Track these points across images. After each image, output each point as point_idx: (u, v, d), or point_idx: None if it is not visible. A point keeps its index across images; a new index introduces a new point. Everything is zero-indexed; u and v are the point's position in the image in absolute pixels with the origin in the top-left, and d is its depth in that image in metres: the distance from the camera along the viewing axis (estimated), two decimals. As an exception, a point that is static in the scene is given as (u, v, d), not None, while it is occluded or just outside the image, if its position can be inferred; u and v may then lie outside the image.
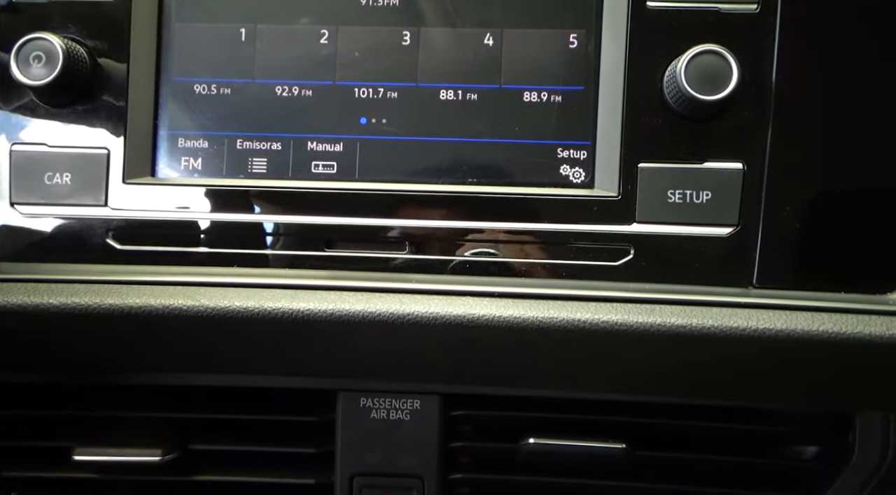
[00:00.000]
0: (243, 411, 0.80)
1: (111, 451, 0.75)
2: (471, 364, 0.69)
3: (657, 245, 0.67)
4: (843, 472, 0.76)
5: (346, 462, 0.79)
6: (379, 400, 0.79)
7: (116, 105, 0.70)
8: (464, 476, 0.80)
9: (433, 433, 0.78)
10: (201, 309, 0.64)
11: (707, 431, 0.77)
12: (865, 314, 0.61)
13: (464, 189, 0.69)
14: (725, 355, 0.64)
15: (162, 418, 0.79)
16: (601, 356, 0.66)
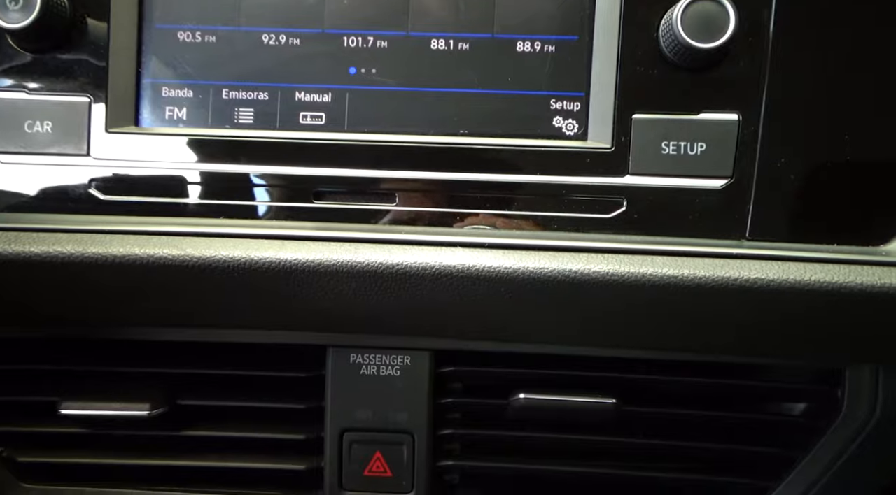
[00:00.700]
0: (232, 367, 0.79)
1: (98, 405, 0.75)
2: (461, 316, 0.68)
3: (650, 197, 0.66)
4: (831, 428, 0.76)
5: (335, 417, 0.79)
6: (369, 356, 0.79)
7: (98, 52, 0.68)
8: (454, 431, 0.80)
9: (423, 389, 0.78)
10: (187, 258, 0.63)
11: (696, 387, 0.77)
12: (858, 264, 0.61)
13: (455, 140, 0.68)
14: (718, 307, 0.63)
15: (150, 373, 0.78)
16: (593, 308, 0.65)
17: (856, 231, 0.64)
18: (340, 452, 0.79)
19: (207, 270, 0.64)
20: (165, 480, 0.80)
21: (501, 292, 0.64)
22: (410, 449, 0.79)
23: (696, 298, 0.63)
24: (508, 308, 0.66)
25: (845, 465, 0.76)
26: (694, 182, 0.66)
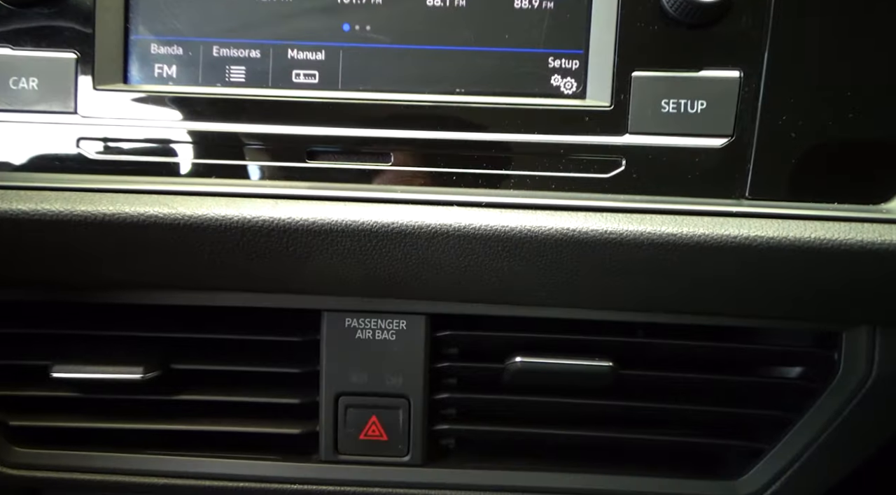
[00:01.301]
0: (227, 331, 0.79)
1: (91, 369, 0.74)
2: (458, 277, 0.67)
3: (649, 156, 0.65)
4: (827, 390, 0.76)
5: (331, 381, 0.78)
6: (364, 321, 0.78)
7: (85, 7, 0.66)
8: (450, 396, 0.80)
9: (419, 353, 0.78)
10: (178, 217, 0.62)
11: (693, 351, 0.77)
12: (859, 222, 0.60)
13: (451, 99, 0.66)
14: (717, 266, 0.63)
15: (143, 337, 0.77)
16: (591, 268, 0.65)
17: (856, 189, 0.63)
18: (336, 416, 0.79)
19: (199, 229, 0.63)
20: (159, 444, 0.80)
21: (498, 251, 0.63)
22: (406, 413, 0.79)
23: (695, 257, 0.62)
24: (505, 268, 0.65)
25: (840, 427, 0.76)
26: (694, 141, 0.64)
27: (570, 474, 0.80)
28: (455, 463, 0.82)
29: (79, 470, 0.79)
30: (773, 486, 0.79)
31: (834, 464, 0.78)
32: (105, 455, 0.79)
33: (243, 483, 0.80)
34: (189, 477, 0.80)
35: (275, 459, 0.80)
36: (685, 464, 0.82)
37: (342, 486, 0.80)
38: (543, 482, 0.80)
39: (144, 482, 0.79)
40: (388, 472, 0.80)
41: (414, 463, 0.80)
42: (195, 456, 0.80)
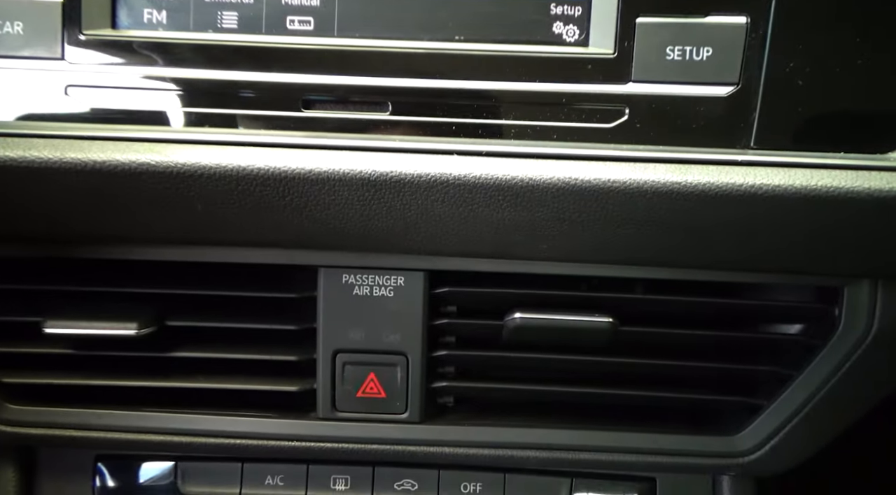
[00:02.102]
0: (222, 288, 0.77)
1: (84, 324, 0.73)
2: (457, 229, 0.66)
3: (653, 105, 0.63)
4: (827, 346, 0.76)
5: (328, 338, 0.78)
6: (362, 277, 0.77)
7: (69, -53, 0.63)
8: (448, 353, 0.79)
9: (417, 310, 0.77)
10: (170, 165, 0.60)
11: (693, 307, 0.77)
12: (866, 170, 0.59)
13: (450, 46, 0.64)
14: (721, 215, 0.62)
15: (138, 294, 0.76)
16: (593, 219, 0.64)
17: (863, 139, 0.62)
18: (333, 374, 0.78)
19: (192, 179, 0.61)
20: (155, 402, 0.79)
21: (499, 201, 0.62)
22: (404, 370, 0.78)
23: (698, 206, 0.61)
24: (506, 219, 0.64)
25: (840, 382, 0.76)
26: (699, 89, 0.63)
27: (568, 430, 0.80)
28: (453, 421, 0.81)
29: (74, 428, 0.78)
30: (771, 441, 0.79)
31: (833, 419, 0.78)
32: (100, 412, 0.78)
33: (240, 440, 0.79)
34: (185, 434, 0.79)
35: (272, 416, 0.80)
36: (683, 421, 0.82)
37: (340, 443, 0.80)
38: (542, 439, 0.80)
39: (140, 439, 0.79)
40: (386, 429, 0.80)
41: (412, 421, 0.79)
42: (191, 413, 0.79)
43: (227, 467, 0.85)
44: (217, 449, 0.80)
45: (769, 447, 0.79)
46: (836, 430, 0.79)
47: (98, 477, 0.85)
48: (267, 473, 0.85)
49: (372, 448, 0.80)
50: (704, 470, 0.81)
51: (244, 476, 0.85)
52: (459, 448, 0.80)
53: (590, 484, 0.86)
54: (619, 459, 0.80)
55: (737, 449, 0.79)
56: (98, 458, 0.85)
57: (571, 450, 0.80)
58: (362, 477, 0.86)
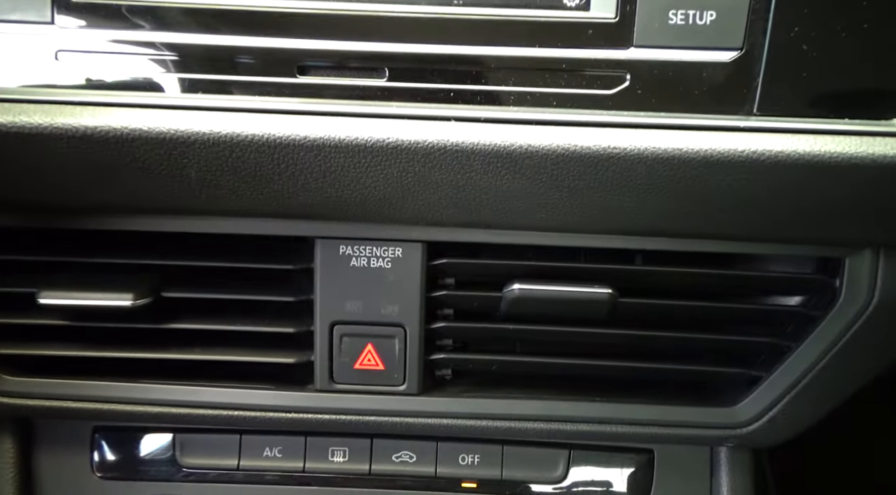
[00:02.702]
0: (218, 259, 0.77)
1: (78, 295, 0.72)
2: (455, 197, 0.65)
3: (655, 71, 0.62)
4: (827, 317, 0.75)
5: (325, 310, 0.77)
6: (359, 248, 0.76)
7: None
8: (447, 325, 0.79)
9: (415, 281, 0.76)
10: (163, 132, 0.59)
11: (692, 279, 0.76)
12: (870, 136, 0.58)
13: (449, 10, 0.63)
14: (723, 183, 0.61)
15: (134, 265, 0.75)
16: (592, 186, 0.63)
17: (868, 104, 0.61)
18: (331, 345, 0.78)
19: (186, 145, 0.60)
20: (151, 374, 0.79)
21: (497, 168, 0.61)
22: (402, 342, 0.78)
23: (700, 173, 0.60)
24: (504, 186, 0.63)
25: (839, 353, 0.76)
26: (702, 54, 0.62)
27: (566, 402, 0.80)
28: (451, 393, 0.81)
29: (70, 399, 0.78)
30: (770, 412, 0.79)
31: (831, 391, 0.78)
32: (97, 383, 0.78)
33: (238, 411, 0.79)
34: (183, 406, 0.79)
35: (270, 388, 0.80)
36: (682, 393, 0.82)
37: (338, 415, 0.80)
38: (540, 410, 0.80)
39: (138, 410, 0.78)
40: (384, 401, 0.79)
41: (410, 393, 0.79)
42: (189, 385, 0.79)
43: (226, 439, 0.86)
44: (215, 420, 0.79)
45: (767, 418, 0.79)
46: (835, 402, 0.79)
47: (96, 448, 0.85)
48: (265, 445, 0.86)
49: (370, 419, 0.80)
50: (702, 441, 0.81)
51: (242, 447, 0.85)
52: (457, 419, 0.80)
53: (587, 456, 0.87)
54: (618, 430, 0.80)
55: (735, 420, 0.79)
56: (96, 430, 0.85)
57: (569, 422, 0.80)
58: (360, 449, 0.86)
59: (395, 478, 0.86)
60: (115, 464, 0.86)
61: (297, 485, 0.86)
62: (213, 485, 0.85)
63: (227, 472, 0.85)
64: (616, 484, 0.87)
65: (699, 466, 0.87)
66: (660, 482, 0.86)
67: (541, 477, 0.86)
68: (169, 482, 0.85)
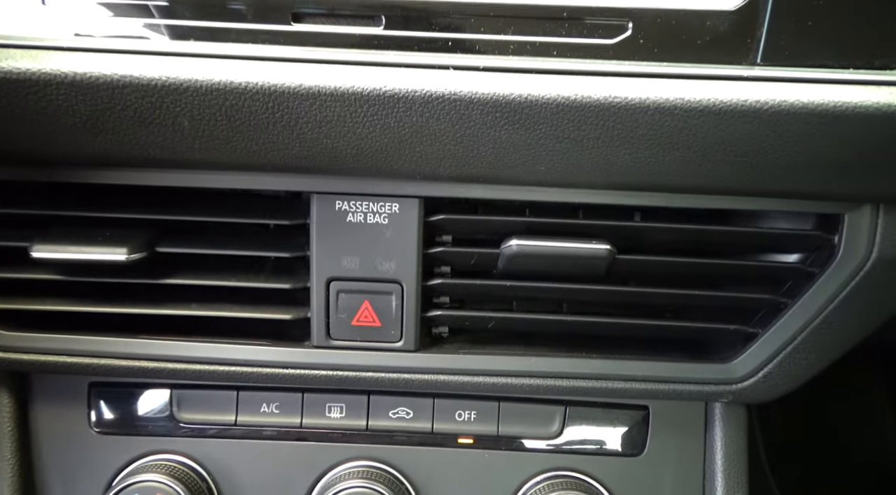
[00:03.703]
0: (213, 214, 0.76)
1: (72, 249, 0.71)
2: (453, 149, 0.64)
3: (657, 20, 0.61)
4: (825, 273, 0.75)
5: (321, 266, 0.77)
6: (355, 204, 0.75)
7: None
8: (443, 282, 0.78)
9: (412, 237, 0.76)
10: (155, 79, 0.58)
11: (690, 235, 0.76)
12: (874, 85, 0.58)
13: (447, -44, 0.62)
14: (725, 134, 0.60)
15: (128, 220, 0.75)
16: (592, 138, 0.62)
17: (873, 54, 0.60)
18: (327, 302, 0.78)
19: (178, 93, 0.59)
20: (147, 330, 0.79)
21: (496, 119, 0.60)
22: (399, 298, 0.78)
23: (702, 123, 0.59)
24: (503, 137, 0.62)
25: (836, 310, 0.76)
26: (705, 2, 0.61)
27: (563, 358, 0.80)
28: (448, 350, 0.81)
29: (66, 354, 0.78)
30: (765, 368, 0.79)
31: (827, 347, 0.78)
32: (93, 338, 0.78)
33: (234, 367, 0.79)
34: (179, 361, 0.79)
35: (267, 344, 0.79)
36: (678, 350, 0.82)
37: (334, 371, 0.80)
38: (536, 366, 0.80)
39: (133, 365, 0.78)
40: (381, 357, 0.79)
41: (407, 349, 0.79)
42: (185, 341, 0.79)
43: (223, 395, 0.86)
44: (212, 375, 0.79)
45: (763, 374, 0.79)
46: (830, 358, 0.79)
47: (93, 403, 0.85)
48: (262, 401, 0.86)
49: (367, 375, 0.80)
50: (698, 396, 0.82)
51: (240, 403, 0.86)
52: (453, 376, 0.80)
53: (583, 412, 0.87)
54: (613, 386, 0.80)
55: (730, 376, 0.80)
56: (93, 385, 0.85)
57: (565, 378, 0.80)
58: (357, 405, 0.86)
59: (392, 434, 0.86)
60: (113, 419, 0.86)
61: (295, 441, 0.86)
62: (211, 440, 0.85)
63: (224, 428, 0.86)
64: (611, 440, 0.88)
65: (694, 422, 0.87)
66: (654, 437, 0.87)
67: (537, 432, 0.87)
68: (167, 437, 0.85)
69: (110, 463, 0.85)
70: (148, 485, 0.80)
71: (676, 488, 0.87)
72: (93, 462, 0.85)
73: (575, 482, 0.85)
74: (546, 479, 0.85)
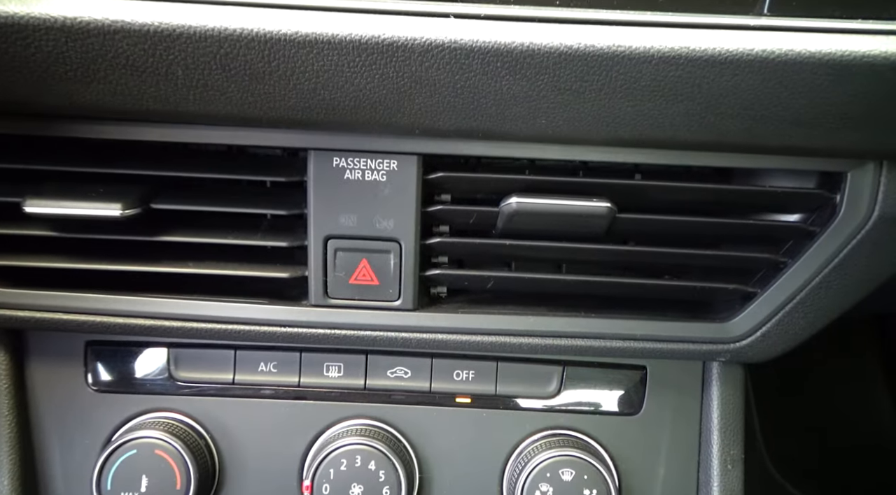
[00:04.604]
0: (209, 170, 0.75)
1: (65, 204, 0.70)
2: (452, 101, 0.63)
3: (663, -33, 0.60)
4: (825, 232, 0.75)
5: (318, 224, 0.76)
6: (353, 160, 0.74)
7: None
8: (442, 240, 0.78)
9: (411, 195, 0.75)
10: (148, 24, 0.57)
11: (692, 193, 0.75)
12: (882, 34, 0.57)
13: None
14: (730, 85, 0.59)
15: (122, 175, 0.73)
16: (595, 89, 0.61)
17: (881, 4, 0.59)
18: (325, 260, 0.77)
19: (171, 40, 0.57)
20: (144, 288, 0.78)
21: (497, 69, 0.59)
22: (397, 257, 0.77)
23: (707, 74, 0.58)
24: (504, 88, 0.61)
25: (835, 269, 0.76)
26: (712, -50, 0.59)
27: (562, 318, 0.80)
28: (446, 309, 0.81)
29: (63, 311, 0.77)
30: (763, 327, 0.79)
31: (826, 306, 0.78)
32: (89, 296, 0.77)
33: (232, 325, 0.79)
34: (176, 319, 0.78)
35: (265, 302, 0.79)
36: (676, 311, 0.82)
37: (332, 329, 0.79)
38: (535, 326, 0.80)
39: (130, 323, 0.78)
40: (379, 316, 0.79)
41: (405, 308, 0.79)
42: (182, 299, 0.78)
43: (220, 354, 0.85)
44: (209, 334, 0.79)
45: (761, 333, 0.79)
46: (829, 318, 0.79)
47: (90, 362, 0.85)
48: (260, 360, 0.86)
49: (364, 334, 0.80)
50: (695, 356, 0.82)
51: (237, 362, 0.85)
52: (452, 335, 0.80)
53: (581, 372, 0.87)
54: (611, 345, 0.80)
55: (729, 335, 0.80)
56: (89, 344, 0.85)
57: (564, 337, 0.80)
58: (355, 365, 0.86)
59: (390, 393, 0.87)
60: (110, 377, 0.86)
61: (293, 399, 0.86)
62: (209, 399, 0.86)
63: (222, 386, 0.86)
64: (609, 399, 0.88)
65: (691, 382, 0.88)
66: (652, 397, 0.87)
67: (534, 392, 0.87)
68: (164, 395, 0.85)
69: (108, 420, 0.85)
70: (147, 442, 0.80)
71: (673, 446, 0.88)
72: (90, 419, 0.85)
73: (572, 440, 0.85)
74: (543, 438, 0.86)
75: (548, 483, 0.82)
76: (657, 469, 0.88)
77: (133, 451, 0.80)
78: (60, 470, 0.85)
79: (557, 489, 0.81)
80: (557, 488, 0.81)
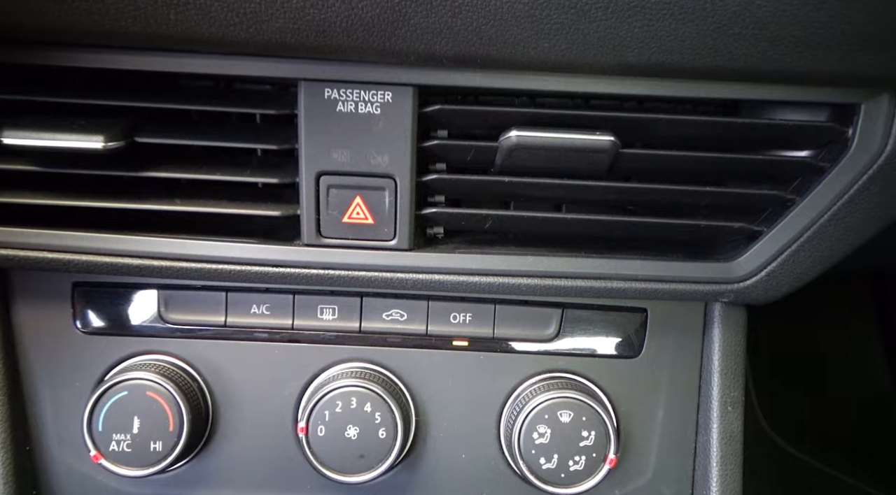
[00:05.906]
0: (195, 102, 0.72)
1: (45, 136, 0.67)
2: (450, 21, 0.59)
3: None
4: (835, 168, 0.72)
5: (310, 160, 0.73)
6: (346, 92, 0.71)
7: None
8: (439, 177, 0.75)
9: (406, 128, 0.72)
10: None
11: (697, 126, 0.72)
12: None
13: None
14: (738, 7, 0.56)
15: (105, 106, 0.70)
16: (600, 8, 0.57)
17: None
18: (318, 197, 0.74)
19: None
20: (131, 226, 0.75)
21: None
22: (392, 194, 0.74)
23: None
24: (505, 7, 0.57)
25: (843, 208, 0.73)
26: None
27: (561, 258, 0.78)
28: (443, 250, 0.79)
29: (48, 250, 0.75)
30: (768, 267, 0.77)
31: (832, 247, 0.76)
32: (76, 234, 0.74)
33: (223, 265, 0.76)
34: (164, 259, 0.76)
35: (256, 242, 0.77)
36: (679, 251, 0.80)
37: (326, 270, 0.77)
38: (534, 266, 0.78)
39: (117, 262, 0.75)
40: (374, 256, 0.77)
41: (401, 247, 0.76)
42: (170, 237, 0.76)
43: (211, 296, 0.84)
44: (199, 274, 0.77)
45: (765, 273, 0.77)
46: (834, 259, 0.77)
47: (77, 303, 0.83)
48: (252, 302, 0.84)
49: (359, 275, 0.77)
50: (698, 296, 0.80)
51: (229, 304, 0.84)
52: (448, 275, 0.78)
53: (580, 315, 0.86)
54: (612, 286, 0.78)
55: (733, 275, 0.78)
56: (77, 285, 0.83)
57: (564, 278, 0.78)
58: (350, 307, 0.85)
59: (386, 336, 0.85)
60: (98, 319, 0.84)
61: (287, 342, 0.85)
62: (201, 341, 0.84)
63: (214, 329, 0.84)
64: (608, 342, 0.87)
65: (692, 325, 0.86)
66: (652, 340, 0.86)
67: (533, 335, 0.86)
68: (155, 338, 0.84)
69: (98, 362, 0.83)
70: (139, 384, 0.79)
71: (672, 388, 0.87)
72: (80, 362, 0.83)
73: (570, 382, 0.84)
74: (541, 380, 0.85)
75: (545, 424, 0.81)
76: (656, 411, 0.87)
77: (124, 392, 0.79)
78: (51, 412, 0.84)
79: (555, 430, 0.80)
80: (555, 429, 0.80)
